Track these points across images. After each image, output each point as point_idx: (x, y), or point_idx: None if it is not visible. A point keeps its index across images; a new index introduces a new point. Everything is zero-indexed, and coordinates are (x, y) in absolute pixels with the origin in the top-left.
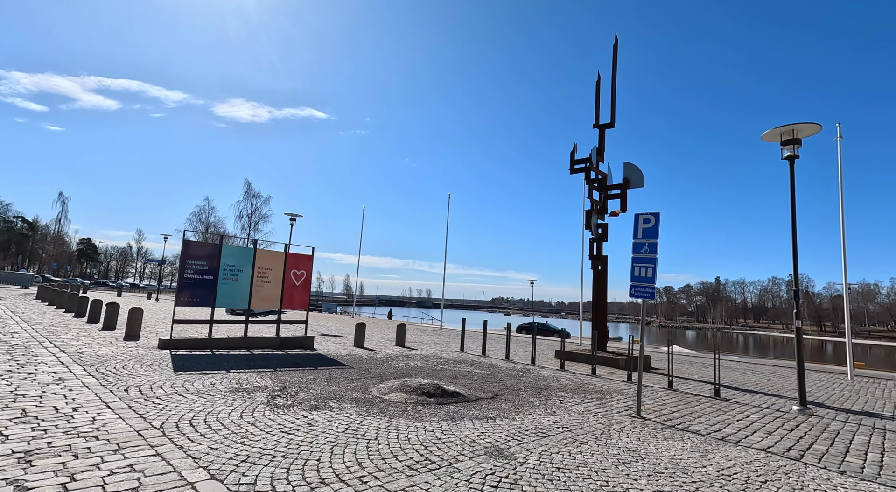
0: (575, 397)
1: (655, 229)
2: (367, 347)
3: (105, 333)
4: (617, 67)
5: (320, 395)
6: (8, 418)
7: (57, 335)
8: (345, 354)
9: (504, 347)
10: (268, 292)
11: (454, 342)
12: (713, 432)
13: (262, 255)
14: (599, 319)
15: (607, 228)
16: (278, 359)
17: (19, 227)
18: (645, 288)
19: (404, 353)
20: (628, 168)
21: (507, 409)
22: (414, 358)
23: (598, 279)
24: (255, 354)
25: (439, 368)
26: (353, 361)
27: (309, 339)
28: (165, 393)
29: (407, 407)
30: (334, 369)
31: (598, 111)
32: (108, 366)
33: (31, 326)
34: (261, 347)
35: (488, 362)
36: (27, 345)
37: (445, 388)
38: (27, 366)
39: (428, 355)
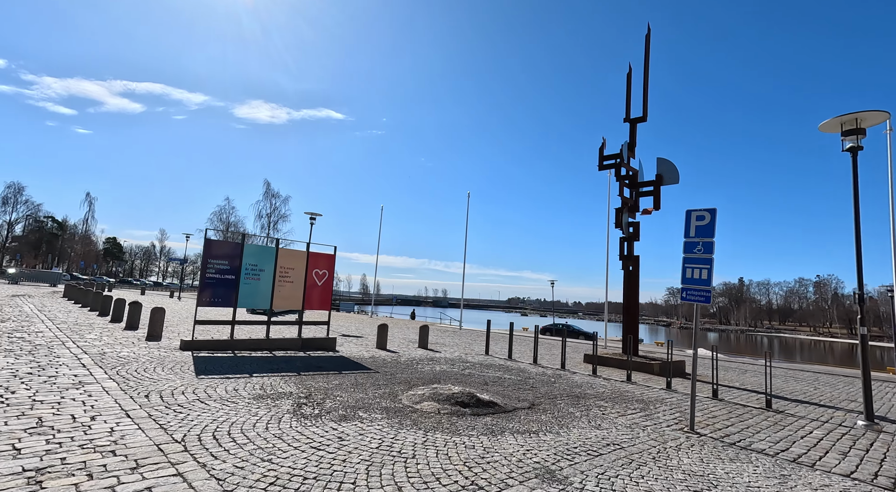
0: (616, 407)
1: (711, 227)
2: (390, 349)
3: (128, 333)
4: (650, 59)
5: (348, 403)
6: (23, 428)
7: (80, 335)
8: (368, 357)
9: (529, 350)
10: (290, 292)
11: (477, 344)
12: (781, 452)
13: (284, 254)
14: (630, 321)
15: (639, 227)
16: (301, 362)
17: (49, 226)
18: (699, 291)
19: (428, 356)
20: (661, 164)
21: (547, 421)
22: (439, 361)
23: (630, 280)
24: (277, 356)
25: (467, 373)
26: (378, 365)
27: (331, 340)
28: (187, 400)
29: (441, 418)
30: (359, 373)
31: (629, 105)
32: (130, 369)
33: (55, 325)
34: (283, 348)
35: (516, 367)
36: (50, 345)
37: (480, 397)
38: (48, 368)
39: (453, 359)
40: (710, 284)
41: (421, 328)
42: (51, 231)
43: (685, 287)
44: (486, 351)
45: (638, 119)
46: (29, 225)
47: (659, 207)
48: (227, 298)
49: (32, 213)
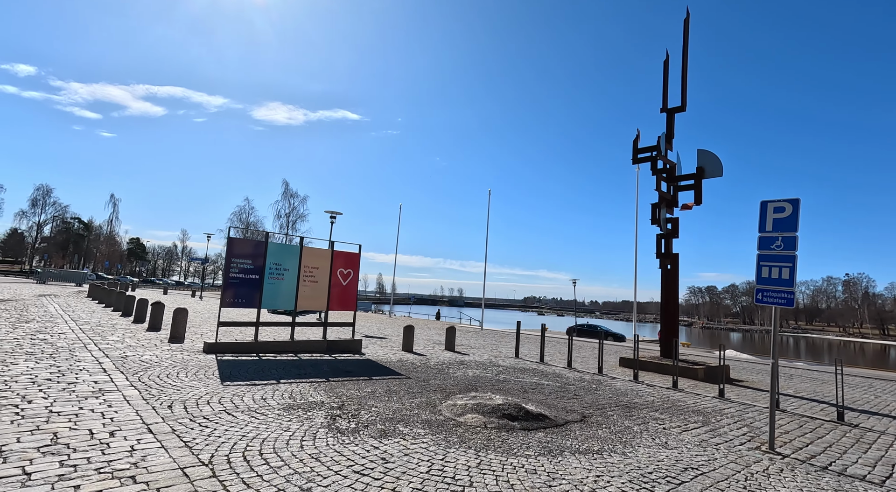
0: (674, 419)
1: (793, 220)
2: (417, 352)
3: (150, 335)
4: (688, 44)
5: (385, 415)
6: (36, 447)
7: (102, 337)
8: (395, 361)
9: (559, 352)
10: (314, 292)
11: (504, 346)
12: (887, 479)
13: (309, 253)
14: (670, 323)
15: (678, 223)
16: (328, 366)
17: (76, 227)
18: (778, 293)
19: (457, 359)
20: (703, 156)
21: (606, 437)
22: (469, 365)
23: (668, 279)
24: (303, 360)
25: (502, 378)
26: (407, 369)
27: (357, 342)
28: (213, 411)
29: (490, 434)
30: (391, 379)
31: (667, 93)
32: (152, 374)
33: (78, 325)
34: (308, 351)
35: (552, 371)
36: (72, 348)
37: (528, 409)
38: (68, 373)
39: (483, 362)
40: (792, 285)
41: (447, 330)
42: (77, 232)
43: (761, 288)
44: (515, 354)
45: (676, 109)
46: (56, 226)
47: (700, 202)
48: (251, 299)
49: (60, 214)
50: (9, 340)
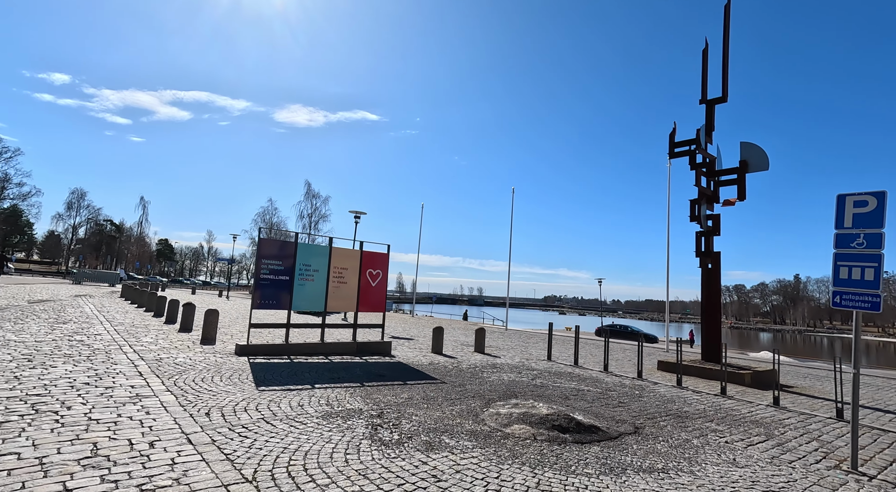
0: (734, 432)
1: (878, 215)
2: (447, 354)
3: (182, 336)
4: (729, 32)
5: (427, 424)
6: (77, 458)
7: (136, 338)
8: (427, 364)
9: (591, 355)
10: (344, 293)
11: (533, 348)
12: None
13: (338, 253)
14: (712, 325)
15: (719, 220)
16: (360, 369)
17: (109, 229)
18: (860, 296)
19: (489, 362)
20: (746, 148)
21: (668, 453)
22: (503, 369)
23: (710, 279)
24: (334, 362)
25: (539, 383)
26: (440, 373)
27: (386, 344)
28: (251, 420)
29: (542, 448)
30: (426, 384)
31: (706, 84)
32: (187, 378)
33: (113, 327)
34: (338, 353)
35: (589, 376)
36: (108, 350)
37: (579, 420)
38: (105, 377)
39: (516, 365)
40: (877, 287)
41: (477, 332)
42: (110, 234)
43: (839, 290)
44: (548, 356)
45: (716, 100)
46: (90, 228)
47: (744, 198)
48: (282, 300)
49: (93, 216)
50: (47, 341)
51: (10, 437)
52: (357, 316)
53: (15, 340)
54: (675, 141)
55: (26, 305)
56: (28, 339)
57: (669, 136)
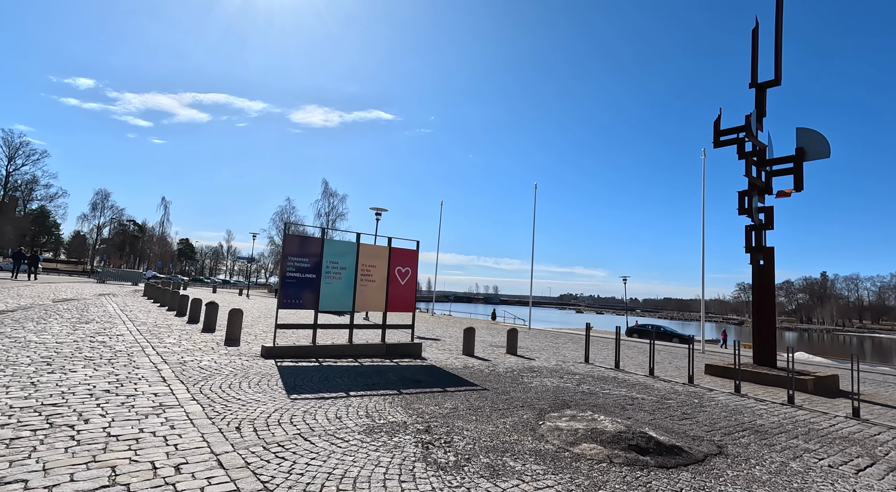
0: (829, 452)
1: None
2: (479, 356)
3: (205, 336)
4: (783, 7)
5: (483, 441)
6: (91, 489)
7: (159, 339)
8: (461, 367)
9: (628, 358)
10: (372, 292)
11: (565, 349)
12: None
13: (366, 250)
14: (765, 326)
15: (772, 213)
16: (394, 374)
17: (132, 229)
18: None
19: (525, 365)
20: (804, 135)
21: (772, 481)
22: (541, 373)
23: (762, 276)
24: (364, 366)
25: (586, 390)
26: (478, 378)
27: (416, 346)
28: (287, 436)
29: (624, 474)
30: (468, 391)
31: (756, 66)
32: (213, 385)
33: (136, 326)
34: (367, 355)
35: (636, 381)
36: (130, 352)
37: (658, 439)
38: (126, 383)
39: (555, 369)
40: None
41: (509, 333)
42: (133, 233)
43: None
44: (585, 359)
45: (768, 83)
46: (114, 228)
47: (801, 188)
48: (309, 300)
49: (116, 217)
50: (69, 342)
51: (19, 458)
52: (386, 316)
53: (36, 342)
54: (721, 129)
55: (50, 304)
56: (49, 340)
57: (714, 123)
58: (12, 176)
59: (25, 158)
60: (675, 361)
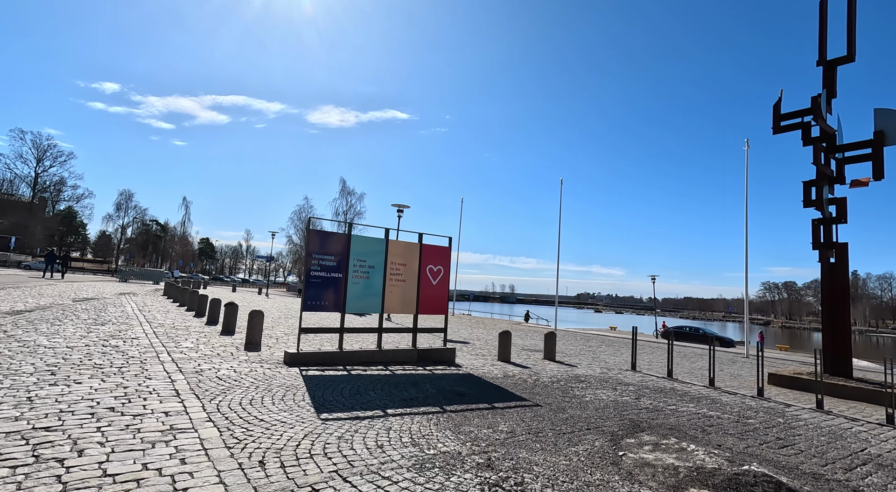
0: None
1: None
2: (515, 362)
3: (224, 340)
4: None
5: (561, 484)
6: None
7: (176, 343)
8: (500, 376)
9: (678, 364)
10: (402, 293)
11: (603, 354)
12: None
13: (396, 247)
14: (839, 331)
15: (845, 205)
16: (431, 384)
17: (154, 229)
18: None
19: (568, 373)
20: (884, 116)
21: None
22: (590, 383)
23: (834, 274)
24: (397, 375)
25: (649, 406)
26: (524, 389)
27: (450, 351)
28: (321, 474)
29: None
30: (519, 408)
31: (825, 41)
32: (232, 400)
33: (152, 328)
34: (398, 362)
35: (698, 393)
36: (143, 358)
37: (783, 482)
38: (135, 399)
39: (603, 378)
40: None
41: (546, 336)
42: (155, 233)
43: None
44: (632, 366)
45: (839, 60)
46: (137, 228)
47: (882, 176)
48: (335, 301)
49: (139, 216)
50: (80, 347)
51: None
52: (417, 319)
53: (45, 346)
54: (782, 113)
55: (70, 304)
56: (59, 344)
57: (774, 107)
58: (41, 177)
59: (53, 159)
60: (726, 367)
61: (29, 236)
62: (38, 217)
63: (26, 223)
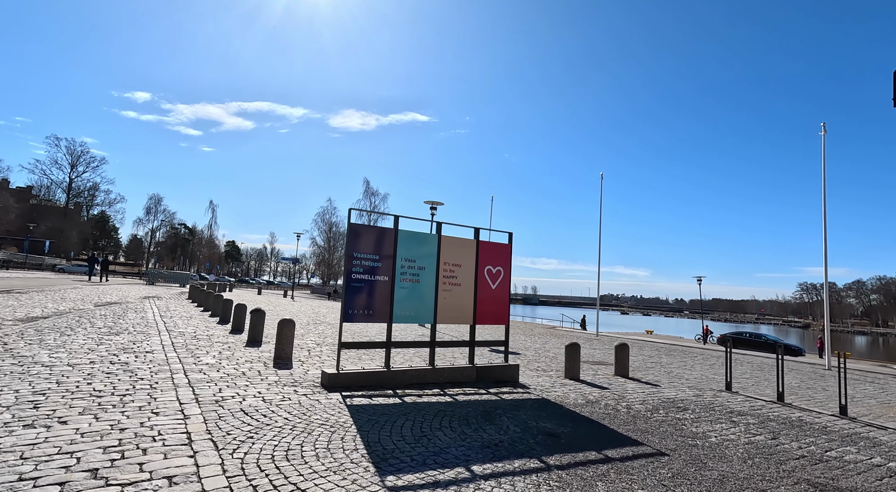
0: None
1: None
2: (586, 380)
3: (250, 353)
4: None
5: None
6: None
7: (195, 358)
8: (582, 401)
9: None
10: (457, 300)
11: (676, 366)
12: None
13: (449, 244)
14: None
15: None
16: (509, 418)
17: (182, 232)
18: None
19: (657, 396)
20: None
21: None
22: (693, 411)
23: None
24: (459, 401)
25: (793, 450)
26: (620, 422)
27: (512, 369)
28: None
29: None
30: (641, 458)
31: None
32: (262, 450)
33: (171, 338)
34: (454, 382)
35: (839, 427)
36: (154, 381)
37: None
38: (131, 451)
39: (704, 404)
40: None
41: (618, 349)
42: (183, 236)
43: None
44: (727, 386)
45: None
46: (166, 231)
47: None
48: (382, 310)
49: (168, 220)
50: (83, 364)
51: None
52: (474, 330)
53: (43, 364)
54: None
55: (89, 309)
56: (61, 361)
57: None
58: (75, 182)
59: (86, 165)
60: (818, 383)
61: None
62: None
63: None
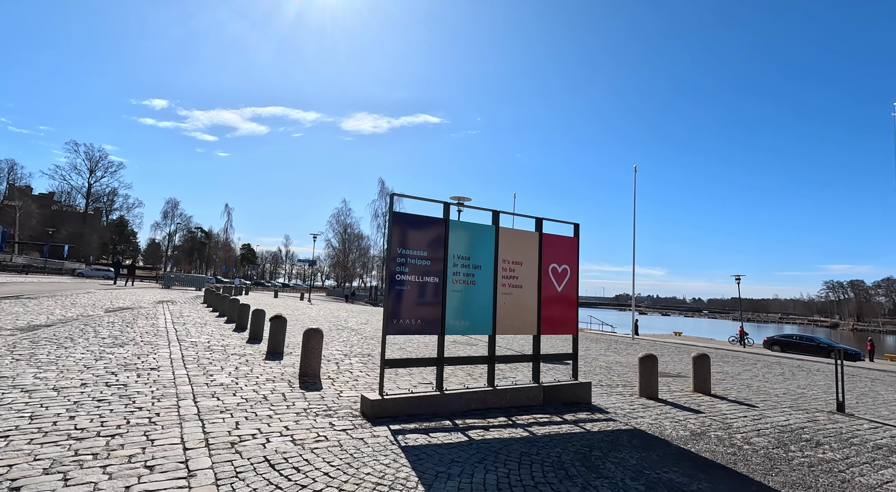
0: None
1: None
2: (666, 399)
3: (271, 369)
4: None
5: None
6: None
7: (208, 377)
8: (686, 433)
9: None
10: (519, 304)
11: (751, 379)
12: None
13: (508, 237)
14: None
15: None
16: (613, 463)
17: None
18: None
19: (763, 420)
20: None
21: None
22: (822, 444)
23: None
24: (539, 437)
25: None
26: (751, 467)
27: (584, 388)
28: None
29: None
30: None
31: None
32: None
33: (182, 350)
34: (519, 405)
35: None
36: (156, 409)
37: None
38: None
39: (832, 434)
40: None
41: (696, 361)
42: (200, 240)
43: None
44: (838, 407)
45: None
46: (183, 235)
47: None
48: (431, 319)
49: (184, 223)
50: (72, 388)
51: None
52: (539, 341)
53: (24, 388)
54: None
55: (98, 316)
56: (47, 383)
57: None
58: (94, 187)
59: (105, 170)
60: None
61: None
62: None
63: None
